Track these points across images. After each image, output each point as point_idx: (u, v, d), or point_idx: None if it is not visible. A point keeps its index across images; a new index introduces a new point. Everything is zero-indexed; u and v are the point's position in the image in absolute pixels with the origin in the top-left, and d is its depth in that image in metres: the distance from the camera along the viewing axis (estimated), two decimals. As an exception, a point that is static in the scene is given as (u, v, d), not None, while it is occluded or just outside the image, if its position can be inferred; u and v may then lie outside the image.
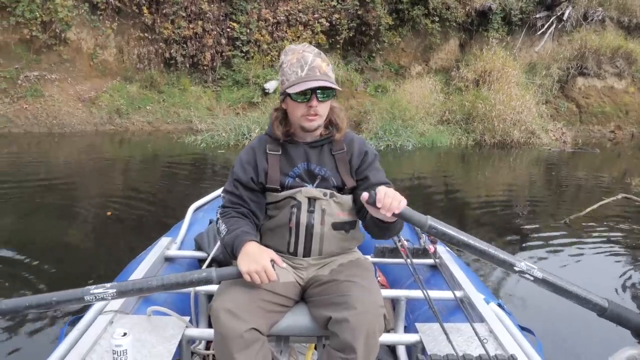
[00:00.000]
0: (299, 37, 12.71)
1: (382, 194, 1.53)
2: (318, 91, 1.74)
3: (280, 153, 1.88)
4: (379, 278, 2.64)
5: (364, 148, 1.92)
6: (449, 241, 1.56)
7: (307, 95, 1.74)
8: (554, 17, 15.16)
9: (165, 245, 2.49)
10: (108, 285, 1.59)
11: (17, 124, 10.35)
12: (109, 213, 5.55)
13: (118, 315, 1.88)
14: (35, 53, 10.97)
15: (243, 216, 1.83)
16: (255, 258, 1.63)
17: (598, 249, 5.10)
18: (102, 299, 1.59)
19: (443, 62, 14.74)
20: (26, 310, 1.58)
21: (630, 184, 7.06)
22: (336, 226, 1.86)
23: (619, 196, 6.07)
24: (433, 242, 2.46)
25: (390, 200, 1.52)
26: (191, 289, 1.97)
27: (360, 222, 1.95)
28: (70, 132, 10.58)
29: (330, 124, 1.90)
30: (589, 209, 5.84)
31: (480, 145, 11.70)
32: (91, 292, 1.57)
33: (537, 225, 5.93)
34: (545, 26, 15.15)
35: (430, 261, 2.39)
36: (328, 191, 1.83)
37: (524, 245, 5.25)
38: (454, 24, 14.25)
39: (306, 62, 1.75)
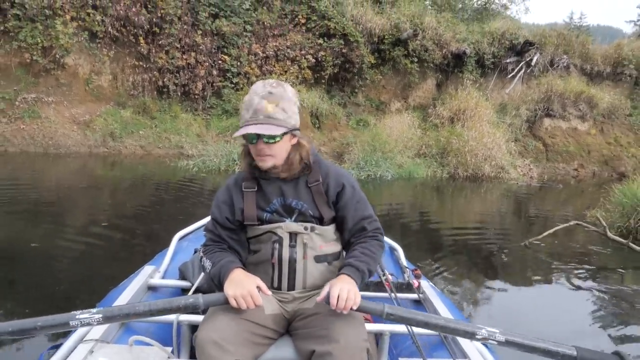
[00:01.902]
0: (286, 71, 12.74)
1: (335, 295, 1.52)
2: (264, 134, 1.63)
3: (255, 190, 1.79)
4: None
5: (341, 180, 1.79)
6: (409, 323, 1.55)
7: (254, 138, 1.66)
8: (523, 62, 15.55)
9: (149, 274, 2.34)
10: (94, 310, 1.49)
11: (13, 144, 10.15)
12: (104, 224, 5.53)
13: (99, 345, 1.74)
14: (33, 76, 10.80)
15: (225, 251, 1.77)
16: (242, 283, 1.59)
17: (551, 266, 5.31)
18: (88, 324, 1.47)
19: (421, 100, 14.92)
20: (8, 336, 1.44)
21: (586, 214, 7.24)
22: (319, 259, 1.78)
23: (572, 223, 6.41)
24: (417, 277, 2.36)
25: (343, 303, 1.52)
26: (174, 319, 1.85)
27: (344, 252, 1.87)
28: (65, 152, 10.38)
29: (301, 160, 1.76)
30: (545, 234, 6.13)
31: (454, 178, 11.82)
32: (77, 317, 1.45)
33: (500, 247, 6.07)
34: (515, 70, 15.53)
35: (414, 296, 2.28)
36: (309, 225, 1.75)
37: (487, 264, 5.35)
38: (432, 64, 14.51)
39: (251, 104, 1.65)
